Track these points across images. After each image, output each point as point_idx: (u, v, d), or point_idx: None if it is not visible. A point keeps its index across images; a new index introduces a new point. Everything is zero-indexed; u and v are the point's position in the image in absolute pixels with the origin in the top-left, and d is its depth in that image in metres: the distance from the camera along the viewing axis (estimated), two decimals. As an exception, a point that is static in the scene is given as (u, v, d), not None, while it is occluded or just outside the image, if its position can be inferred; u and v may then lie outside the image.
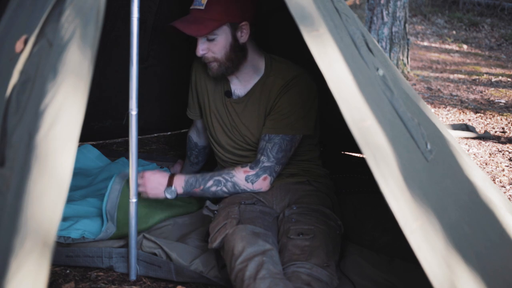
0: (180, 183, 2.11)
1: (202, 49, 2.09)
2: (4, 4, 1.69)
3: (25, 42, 1.32)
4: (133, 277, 1.99)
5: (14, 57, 1.33)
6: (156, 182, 2.11)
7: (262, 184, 2.13)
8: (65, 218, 2.21)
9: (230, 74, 2.19)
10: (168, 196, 2.10)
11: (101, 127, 3.21)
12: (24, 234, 1.05)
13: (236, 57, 2.13)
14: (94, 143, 3.16)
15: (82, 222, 2.17)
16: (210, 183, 2.11)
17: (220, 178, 2.12)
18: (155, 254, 2.01)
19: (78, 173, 2.74)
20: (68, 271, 2.03)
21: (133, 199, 1.91)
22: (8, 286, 1.01)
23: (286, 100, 2.15)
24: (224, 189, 2.12)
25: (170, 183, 2.10)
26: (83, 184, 2.66)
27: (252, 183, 2.12)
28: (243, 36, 2.11)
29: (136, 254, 1.98)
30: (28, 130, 1.16)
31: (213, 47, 2.09)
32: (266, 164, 2.12)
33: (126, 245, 2.02)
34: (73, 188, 2.55)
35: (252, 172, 2.12)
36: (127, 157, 2.41)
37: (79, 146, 2.90)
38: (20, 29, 1.43)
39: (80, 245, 2.07)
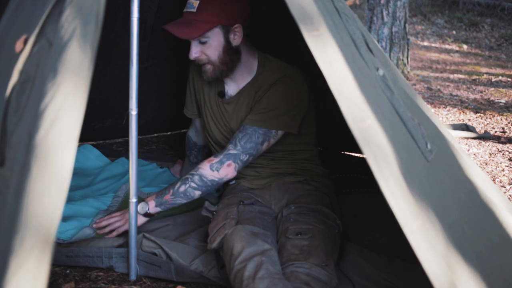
0: (151, 197, 2.10)
1: (194, 52, 2.09)
2: (4, 4, 1.69)
3: (25, 42, 1.32)
4: (133, 277, 1.99)
5: (14, 57, 1.33)
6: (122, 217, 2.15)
7: (227, 170, 2.08)
8: (65, 218, 2.21)
9: (225, 77, 2.19)
10: (140, 211, 2.06)
11: (101, 127, 3.21)
12: (24, 234, 1.05)
13: (230, 60, 2.13)
14: (94, 143, 3.16)
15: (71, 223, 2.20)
16: (178, 184, 2.08)
17: (187, 175, 2.09)
18: (155, 254, 2.01)
19: (78, 173, 2.74)
20: (68, 271, 2.03)
21: (133, 199, 1.91)
22: (8, 286, 1.01)
23: (270, 96, 2.15)
24: (193, 184, 2.07)
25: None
26: (83, 184, 2.66)
27: (218, 171, 2.08)
28: (236, 38, 2.11)
29: (136, 254, 1.98)
30: (28, 130, 1.16)
31: (206, 50, 2.09)
32: (231, 151, 2.09)
33: (126, 245, 2.02)
34: (73, 188, 2.56)
35: (216, 160, 2.09)
36: (127, 157, 2.42)
37: (79, 146, 2.90)
38: (20, 29, 1.43)
39: (80, 245, 2.07)
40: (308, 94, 2.19)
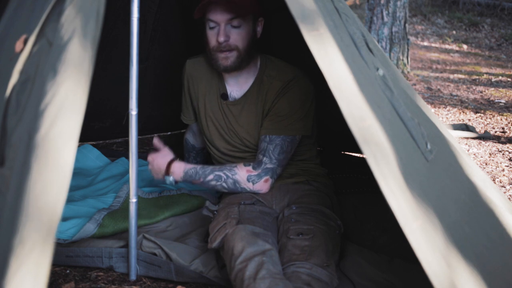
0: (179, 173, 2.14)
1: (225, 35, 2.06)
2: (4, 4, 1.69)
3: (25, 42, 1.32)
4: (133, 277, 1.99)
5: (14, 57, 1.33)
6: (157, 166, 2.16)
7: (263, 185, 2.13)
8: (65, 219, 2.21)
9: (240, 69, 2.17)
10: (167, 182, 2.15)
11: (101, 127, 3.21)
12: (24, 234, 1.05)
13: (251, 51, 2.15)
14: (94, 143, 3.16)
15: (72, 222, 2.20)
16: (210, 177, 2.11)
17: (221, 174, 2.11)
18: (155, 254, 2.01)
19: (78, 173, 2.74)
20: (68, 271, 2.03)
21: (133, 199, 1.91)
22: (8, 285, 1.01)
23: (285, 102, 2.16)
24: (224, 185, 2.11)
25: (168, 171, 2.14)
26: (83, 184, 2.66)
27: (253, 184, 2.11)
28: (259, 31, 2.17)
29: (136, 254, 1.98)
30: (28, 129, 1.16)
31: (236, 35, 2.08)
32: (268, 165, 2.11)
33: (126, 245, 2.02)
34: (73, 188, 2.55)
35: (255, 173, 2.11)
36: (127, 157, 2.42)
37: (79, 146, 2.90)
38: (20, 29, 1.43)
39: (80, 245, 2.07)
40: (314, 93, 2.20)
